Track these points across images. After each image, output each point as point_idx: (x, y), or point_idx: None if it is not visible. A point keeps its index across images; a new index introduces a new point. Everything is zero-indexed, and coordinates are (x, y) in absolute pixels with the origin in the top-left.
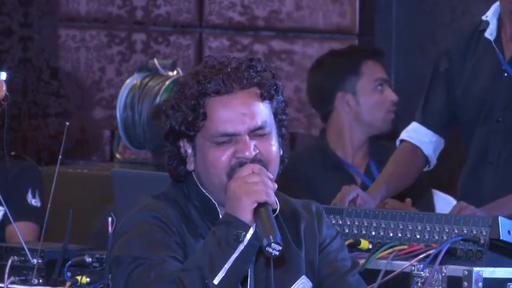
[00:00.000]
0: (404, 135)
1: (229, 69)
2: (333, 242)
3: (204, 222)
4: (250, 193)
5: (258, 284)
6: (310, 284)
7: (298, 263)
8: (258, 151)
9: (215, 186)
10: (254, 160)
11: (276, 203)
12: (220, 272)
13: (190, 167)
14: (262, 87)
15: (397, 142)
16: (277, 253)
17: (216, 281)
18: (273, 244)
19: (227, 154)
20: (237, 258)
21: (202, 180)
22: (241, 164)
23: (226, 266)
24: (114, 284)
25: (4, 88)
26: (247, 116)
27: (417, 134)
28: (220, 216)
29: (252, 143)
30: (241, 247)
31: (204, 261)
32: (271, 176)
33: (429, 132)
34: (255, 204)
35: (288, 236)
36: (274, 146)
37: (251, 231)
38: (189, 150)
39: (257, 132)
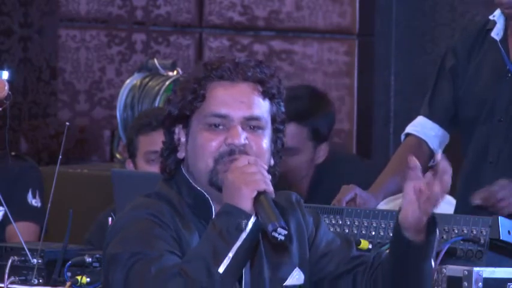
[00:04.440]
0: (409, 128)
1: (237, 61)
2: (318, 228)
3: (197, 218)
4: (249, 182)
5: (252, 279)
6: (303, 275)
7: (290, 257)
8: (247, 142)
9: (201, 171)
10: (243, 151)
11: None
12: (225, 261)
13: (181, 154)
14: (264, 85)
15: (402, 136)
16: (283, 238)
17: (221, 270)
18: (278, 229)
19: (218, 140)
20: (240, 246)
21: (190, 169)
22: (231, 152)
23: (230, 255)
24: (112, 282)
25: (6, 87)
26: (244, 104)
27: (423, 128)
28: (213, 211)
29: (244, 133)
30: (243, 236)
31: (207, 252)
32: (266, 167)
33: (435, 126)
34: (255, 193)
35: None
36: (265, 144)
37: (252, 219)
38: (183, 139)
39: (251, 123)
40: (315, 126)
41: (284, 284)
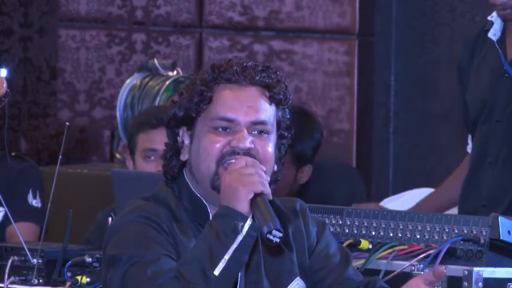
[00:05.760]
0: (467, 148)
1: (245, 64)
2: (320, 240)
3: (194, 224)
4: (246, 184)
5: (247, 284)
6: (304, 285)
7: (291, 265)
8: (253, 146)
9: (203, 175)
10: (248, 154)
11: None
12: (221, 263)
13: (184, 157)
14: (271, 89)
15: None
16: (278, 240)
17: (216, 272)
18: (273, 231)
19: (222, 142)
20: (236, 249)
21: (193, 171)
22: (234, 153)
23: (226, 257)
24: (109, 283)
25: (5, 85)
26: (252, 109)
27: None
28: (211, 216)
29: (250, 138)
30: (239, 238)
31: (203, 254)
32: (265, 169)
33: None
34: (252, 195)
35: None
36: (270, 148)
37: (249, 222)
38: (186, 141)
39: (257, 128)
40: (299, 151)
41: None
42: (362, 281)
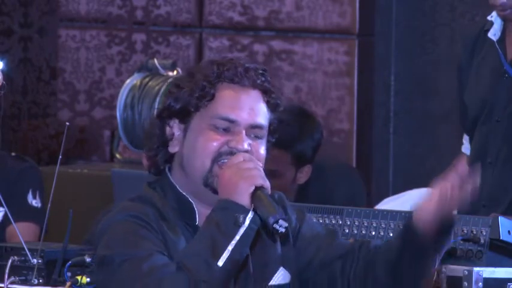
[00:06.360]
0: (462, 148)
1: (247, 66)
2: (303, 224)
3: (182, 222)
4: (247, 178)
5: (237, 280)
6: (288, 275)
7: (275, 256)
8: (250, 148)
9: (196, 170)
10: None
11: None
12: (224, 254)
13: (173, 149)
14: (269, 95)
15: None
16: (284, 230)
17: (220, 263)
18: (280, 221)
19: (220, 140)
20: (238, 241)
21: (184, 164)
22: (231, 153)
23: (230, 248)
24: (102, 284)
25: (0, 77)
26: (253, 111)
27: (468, 143)
28: (197, 215)
29: (248, 140)
30: (241, 230)
31: (205, 246)
32: (261, 164)
33: None
34: (252, 188)
35: (262, 231)
36: (263, 151)
37: (250, 214)
38: (177, 133)
39: (255, 131)
40: (298, 152)
41: (269, 284)
42: (354, 242)
